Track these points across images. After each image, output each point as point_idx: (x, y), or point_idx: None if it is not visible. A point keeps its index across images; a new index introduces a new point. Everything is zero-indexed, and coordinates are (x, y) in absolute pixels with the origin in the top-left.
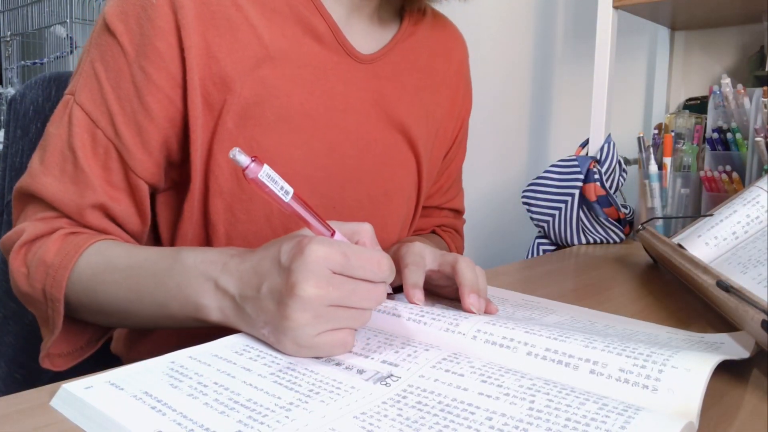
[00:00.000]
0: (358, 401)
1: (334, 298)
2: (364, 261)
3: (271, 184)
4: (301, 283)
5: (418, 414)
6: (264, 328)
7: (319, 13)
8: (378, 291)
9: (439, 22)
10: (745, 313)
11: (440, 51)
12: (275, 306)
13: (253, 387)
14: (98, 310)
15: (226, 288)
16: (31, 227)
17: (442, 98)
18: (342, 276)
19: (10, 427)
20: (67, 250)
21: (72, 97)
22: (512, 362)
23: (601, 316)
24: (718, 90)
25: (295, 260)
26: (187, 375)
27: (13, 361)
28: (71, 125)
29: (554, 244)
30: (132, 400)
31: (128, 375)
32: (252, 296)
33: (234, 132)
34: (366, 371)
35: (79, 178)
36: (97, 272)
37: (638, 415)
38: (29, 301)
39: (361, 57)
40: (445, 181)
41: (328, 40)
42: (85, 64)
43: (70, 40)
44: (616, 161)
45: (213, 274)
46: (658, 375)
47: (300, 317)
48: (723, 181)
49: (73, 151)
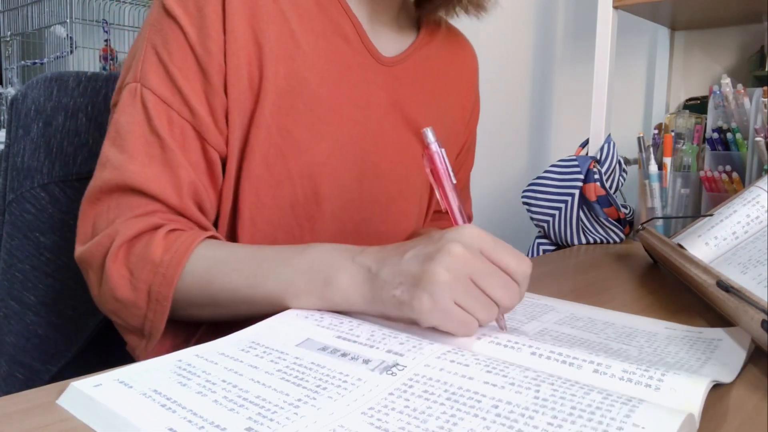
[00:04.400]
0: (365, 395)
1: (476, 269)
2: (511, 253)
3: (440, 165)
4: (451, 243)
5: (425, 404)
6: (397, 289)
7: (346, 14)
8: (514, 288)
9: (453, 34)
10: (745, 313)
11: (454, 61)
12: (419, 265)
13: (261, 384)
14: (210, 302)
15: (363, 262)
16: (126, 227)
17: (453, 105)
18: (487, 259)
19: (15, 426)
20: (177, 248)
21: (138, 84)
22: (516, 360)
23: (601, 312)
24: (718, 90)
25: (449, 233)
26: (195, 373)
27: (14, 361)
28: (147, 110)
29: (554, 244)
30: (142, 398)
31: (136, 373)
32: (393, 262)
33: (269, 119)
34: (371, 360)
35: (170, 158)
36: (213, 264)
37: (642, 405)
38: (123, 308)
39: (383, 59)
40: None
41: (353, 41)
42: (146, 50)
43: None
44: (616, 161)
45: (351, 253)
46: (661, 377)
47: (443, 274)
48: (723, 181)
49: (157, 135)
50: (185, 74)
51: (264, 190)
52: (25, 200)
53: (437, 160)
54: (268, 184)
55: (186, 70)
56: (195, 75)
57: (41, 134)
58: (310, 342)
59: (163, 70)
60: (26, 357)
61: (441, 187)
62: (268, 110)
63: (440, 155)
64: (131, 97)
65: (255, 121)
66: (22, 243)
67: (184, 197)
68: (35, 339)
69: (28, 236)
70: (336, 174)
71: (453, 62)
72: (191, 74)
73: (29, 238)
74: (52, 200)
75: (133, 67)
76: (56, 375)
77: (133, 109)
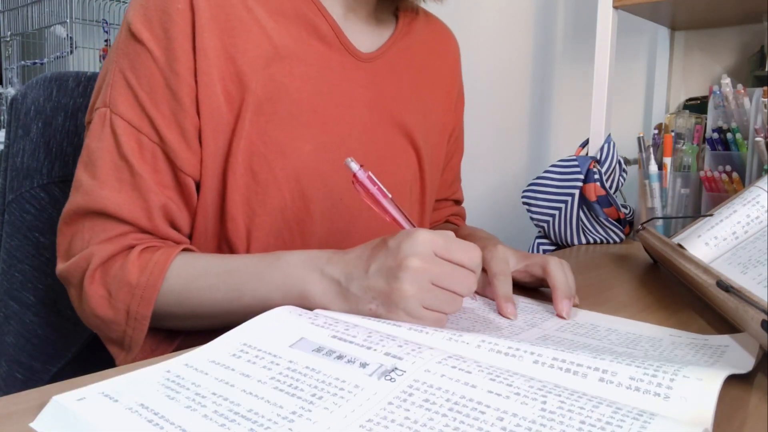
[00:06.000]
0: (363, 405)
1: (435, 275)
2: (461, 247)
3: (372, 187)
4: (410, 257)
5: (426, 415)
6: (371, 303)
7: (321, 13)
8: (471, 278)
9: (432, 22)
10: (745, 313)
11: (435, 50)
12: (385, 281)
13: (254, 396)
14: (190, 316)
15: (331, 275)
16: (100, 250)
17: (438, 94)
18: (442, 259)
19: (15, 425)
20: (151, 269)
21: (107, 109)
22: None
23: (603, 318)
24: (718, 90)
25: (404, 242)
26: (184, 385)
27: (14, 361)
28: (116, 135)
29: (554, 244)
30: (127, 413)
31: (123, 385)
32: (359, 276)
33: (249, 128)
34: (369, 364)
35: (139, 183)
36: (190, 281)
37: (654, 420)
38: (103, 324)
39: (361, 56)
40: (448, 175)
41: (330, 40)
42: (114, 75)
43: (70, 40)
44: (616, 161)
45: (319, 264)
46: (669, 383)
47: (409, 288)
48: (723, 181)
49: (126, 160)
50: (153, 98)
51: (253, 198)
52: (24, 200)
53: (368, 184)
54: (256, 192)
55: (154, 93)
56: (163, 98)
57: (41, 134)
58: (305, 342)
59: (132, 95)
60: (26, 357)
61: (380, 207)
62: (248, 120)
63: (369, 178)
64: (101, 122)
65: (236, 133)
66: (22, 243)
67: (155, 219)
68: (35, 339)
69: (27, 236)
70: (322, 175)
71: (434, 50)
72: (159, 97)
73: (29, 238)
74: (51, 200)
75: (103, 91)
76: (56, 375)
77: (102, 134)
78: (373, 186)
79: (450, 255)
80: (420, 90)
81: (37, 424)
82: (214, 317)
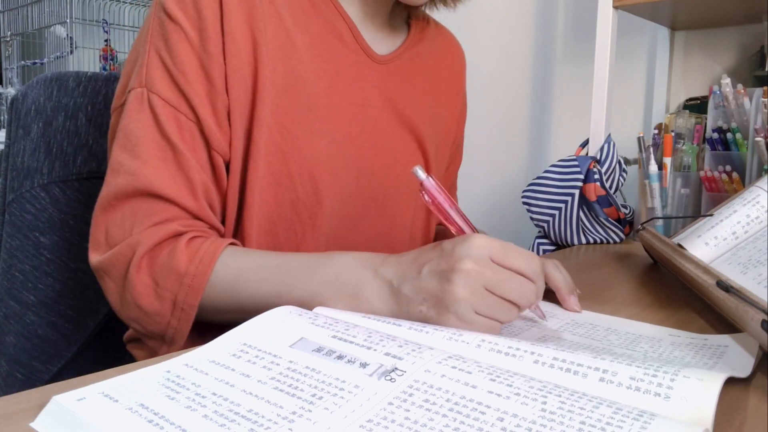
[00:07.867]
0: (363, 405)
1: (489, 280)
2: (520, 254)
3: (439, 195)
4: (464, 259)
5: (426, 415)
6: (422, 305)
7: (340, 14)
8: (529, 287)
9: (441, 32)
10: (745, 313)
11: (444, 59)
12: (437, 283)
13: (254, 396)
14: (235, 309)
15: (384, 275)
16: (146, 237)
17: (444, 102)
18: (499, 265)
19: (15, 425)
20: (201, 257)
21: (144, 89)
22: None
23: (603, 318)
24: (718, 90)
25: (459, 245)
26: (184, 385)
27: (14, 361)
28: (155, 114)
29: (554, 244)
30: (128, 414)
31: (123, 385)
32: (412, 277)
33: (270, 118)
34: (369, 364)
35: (182, 162)
36: (239, 273)
37: (654, 421)
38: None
39: (376, 57)
40: (445, 181)
41: (347, 40)
42: (150, 55)
43: (70, 40)
44: (616, 161)
45: (374, 264)
46: (670, 383)
47: (461, 291)
48: (723, 181)
49: (167, 139)
50: (188, 77)
51: (266, 189)
52: (25, 200)
53: (435, 192)
54: (269, 182)
55: (189, 73)
56: (198, 77)
57: (41, 134)
58: (305, 342)
59: (168, 74)
60: (26, 357)
61: (444, 214)
62: (269, 109)
63: (436, 186)
64: (138, 102)
65: (256, 120)
66: (22, 243)
67: (200, 199)
68: (35, 339)
69: (28, 236)
70: (334, 172)
71: (443, 60)
72: (194, 77)
73: (29, 238)
74: (52, 200)
75: (137, 71)
76: (56, 375)
77: (141, 114)
78: (440, 194)
79: (507, 261)
80: (429, 95)
81: (37, 424)
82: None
